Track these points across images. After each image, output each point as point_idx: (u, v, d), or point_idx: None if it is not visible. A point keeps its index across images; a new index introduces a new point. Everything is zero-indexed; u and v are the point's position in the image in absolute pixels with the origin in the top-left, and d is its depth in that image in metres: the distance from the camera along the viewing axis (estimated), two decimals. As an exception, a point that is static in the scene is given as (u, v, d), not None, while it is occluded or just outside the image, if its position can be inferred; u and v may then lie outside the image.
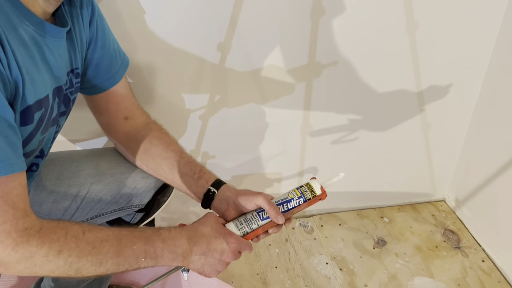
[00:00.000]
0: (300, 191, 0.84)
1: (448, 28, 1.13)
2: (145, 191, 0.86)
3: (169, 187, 0.89)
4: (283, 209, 0.81)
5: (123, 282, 1.21)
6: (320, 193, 0.84)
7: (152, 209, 0.89)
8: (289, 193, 0.84)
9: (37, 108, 0.59)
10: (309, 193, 0.84)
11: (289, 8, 1.00)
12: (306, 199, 0.83)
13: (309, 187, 0.84)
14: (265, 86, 1.14)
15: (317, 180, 0.85)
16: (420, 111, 1.29)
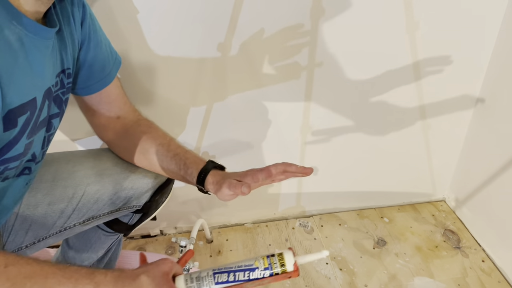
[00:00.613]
0: (269, 261, 0.73)
1: (448, 28, 1.13)
2: (143, 191, 0.85)
3: (168, 187, 0.89)
4: (243, 278, 0.71)
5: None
6: (291, 270, 0.73)
7: (151, 209, 0.89)
8: (256, 260, 0.74)
9: (21, 112, 0.57)
10: (279, 266, 0.73)
11: (289, 8, 1.00)
12: (273, 273, 0.73)
13: (281, 260, 0.74)
14: (265, 86, 1.14)
15: (292, 253, 0.74)
16: (420, 111, 1.29)
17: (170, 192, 0.92)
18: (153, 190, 0.86)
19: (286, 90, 1.16)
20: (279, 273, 0.73)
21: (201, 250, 1.35)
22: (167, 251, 1.35)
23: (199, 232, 1.37)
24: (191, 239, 1.13)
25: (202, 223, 1.26)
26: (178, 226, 1.42)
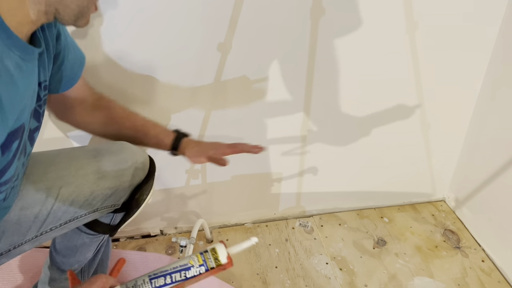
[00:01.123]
0: (203, 258, 0.76)
1: (448, 28, 1.13)
2: (120, 190, 0.83)
3: (147, 184, 0.86)
4: (180, 278, 0.73)
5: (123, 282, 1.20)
6: (226, 262, 0.76)
7: (132, 208, 0.87)
8: (190, 259, 0.77)
9: (15, 136, 0.57)
10: (213, 261, 0.76)
11: (289, 8, 1.00)
12: (208, 268, 0.76)
13: (214, 254, 0.77)
14: (265, 86, 1.14)
15: (224, 246, 0.78)
16: (420, 111, 1.29)
17: (152, 189, 0.89)
18: (131, 188, 0.85)
19: (286, 90, 1.16)
20: (214, 267, 0.75)
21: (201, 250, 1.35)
22: (167, 251, 1.35)
23: (199, 232, 1.38)
24: (191, 239, 1.13)
25: (202, 223, 1.26)
26: (178, 226, 1.42)
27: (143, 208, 0.90)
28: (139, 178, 0.86)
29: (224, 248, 0.77)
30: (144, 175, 0.87)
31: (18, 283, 1.17)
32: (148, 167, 0.88)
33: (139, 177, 0.86)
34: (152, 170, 0.89)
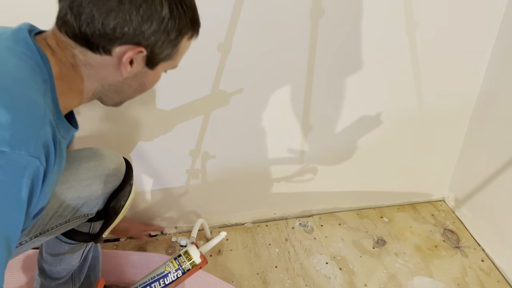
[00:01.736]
0: (178, 262, 0.80)
1: (447, 28, 1.13)
2: (92, 199, 0.81)
3: (122, 192, 0.84)
4: (160, 286, 0.76)
5: (124, 282, 1.21)
6: (200, 262, 0.80)
7: (110, 216, 0.85)
8: (165, 266, 0.80)
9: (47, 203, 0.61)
10: (188, 263, 0.80)
11: (289, 8, 1.01)
12: (185, 271, 0.79)
13: (188, 256, 0.80)
14: (265, 86, 1.14)
15: (195, 247, 0.81)
16: (419, 111, 1.29)
17: (130, 196, 0.87)
18: (105, 196, 0.82)
19: (286, 90, 1.16)
20: (190, 268, 0.79)
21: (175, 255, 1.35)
22: (167, 250, 1.35)
23: (199, 232, 1.38)
24: (192, 238, 1.13)
25: (202, 222, 1.26)
26: (178, 226, 1.42)
27: (125, 213, 0.88)
28: (112, 185, 0.83)
29: (196, 248, 0.81)
30: (119, 182, 0.85)
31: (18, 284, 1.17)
32: (123, 173, 0.86)
33: (112, 184, 0.83)
34: (129, 175, 0.87)
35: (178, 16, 0.60)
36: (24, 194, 0.51)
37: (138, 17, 0.56)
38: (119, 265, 1.24)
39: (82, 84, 0.63)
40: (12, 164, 0.49)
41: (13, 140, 0.49)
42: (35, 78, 0.56)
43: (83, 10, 0.55)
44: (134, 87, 0.68)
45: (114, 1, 0.55)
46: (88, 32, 0.57)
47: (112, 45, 0.58)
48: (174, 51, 0.64)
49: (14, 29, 0.60)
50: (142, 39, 0.59)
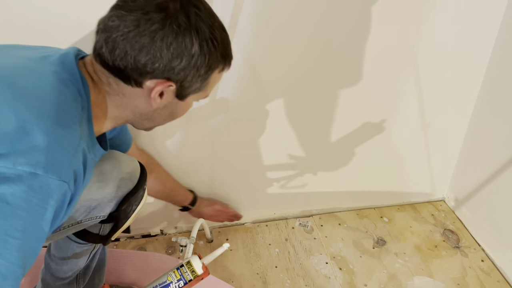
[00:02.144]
0: (180, 272, 0.82)
1: (447, 28, 1.13)
2: (105, 201, 0.81)
3: (135, 196, 0.85)
4: None
5: (124, 282, 1.21)
6: (202, 273, 0.82)
7: (120, 219, 0.86)
8: (168, 276, 0.82)
9: None
10: (190, 273, 0.82)
11: (289, 8, 1.01)
12: (186, 281, 0.81)
13: (190, 267, 0.82)
14: (265, 86, 1.14)
15: (198, 258, 0.84)
16: (419, 111, 1.29)
17: (142, 200, 0.88)
18: (117, 199, 0.83)
19: (286, 90, 1.16)
20: (192, 279, 0.81)
21: (201, 250, 1.35)
22: (167, 250, 1.35)
23: (199, 232, 1.38)
24: (191, 238, 1.13)
25: (202, 222, 1.26)
26: (178, 226, 1.42)
27: (135, 218, 0.89)
28: (126, 188, 0.84)
29: (198, 259, 0.83)
30: (132, 186, 0.85)
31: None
32: (137, 177, 0.86)
33: (126, 188, 0.84)
34: (142, 180, 0.87)
35: (208, 52, 0.61)
36: (49, 216, 0.54)
37: (168, 54, 0.59)
38: (119, 265, 1.24)
39: (115, 110, 0.66)
40: (43, 187, 0.52)
41: (47, 164, 0.52)
42: (75, 105, 0.60)
43: (117, 45, 0.58)
44: (164, 116, 0.71)
45: (146, 38, 0.57)
46: (121, 65, 0.60)
47: (143, 78, 0.61)
48: (204, 84, 0.66)
49: (62, 53, 0.63)
50: (172, 74, 0.61)
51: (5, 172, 0.50)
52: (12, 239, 0.50)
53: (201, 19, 0.60)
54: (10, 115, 0.53)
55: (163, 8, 0.58)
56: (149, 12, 0.57)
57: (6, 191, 0.50)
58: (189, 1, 0.60)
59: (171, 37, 0.58)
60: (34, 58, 0.63)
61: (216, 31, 0.62)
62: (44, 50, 0.67)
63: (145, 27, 0.57)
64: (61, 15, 0.90)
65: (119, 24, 0.58)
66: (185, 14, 0.59)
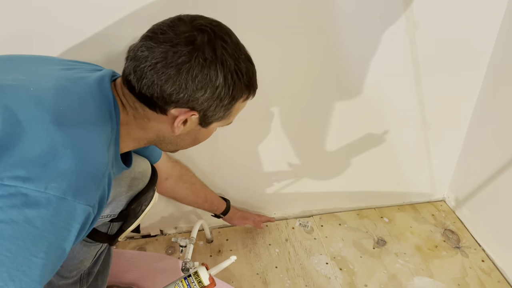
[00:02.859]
0: (187, 282, 0.85)
1: (447, 28, 1.13)
2: (116, 200, 0.83)
3: (145, 196, 0.87)
4: None
5: (124, 282, 1.21)
6: (208, 284, 0.85)
7: (129, 218, 0.87)
8: (175, 284, 0.86)
9: None
10: (197, 284, 0.85)
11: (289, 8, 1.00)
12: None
13: (197, 278, 0.85)
14: (265, 86, 1.14)
15: (205, 269, 0.87)
16: (419, 111, 1.29)
17: (152, 201, 0.90)
18: (128, 198, 0.85)
19: (286, 91, 1.16)
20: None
21: (201, 250, 1.35)
22: (167, 251, 1.35)
23: (199, 232, 1.38)
24: (191, 239, 1.13)
25: (202, 223, 1.26)
26: (178, 226, 1.42)
27: (144, 219, 0.89)
28: (136, 188, 0.86)
29: (205, 270, 0.86)
30: (143, 185, 0.87)
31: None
32: (148, 177, 0.89)
33: (136, 187, 0.86)
34: (153, 181, 0.89)
35: (233, 84, 0.64)
36: (72, 237, 0.56)
37: (193, 85, 0.61)
38: (119, 265, 1.24)
39: (140, 132, 0.69)
40: (70, 211, 0.55)
41: (77, 190, 0.55)
42: (106, 129, 0.63)
43: (145, 75, 0.61)
44: (188, 141, 0.74)
45: (173, 70, 0.60)
46: (147, 93, 0.62)
47: (168, 107, 0.63)
48: (227, 113, 0.68)
49: (99, 76, 0.66)
50: (196, 104, 0.63)
51: (36, 195, 0.52)
52: (36, 258, 0.53)
53: (227, 52, 0.62)
54: (46, 138, 0.55)
55: (190, 41, 0.60)
56: (177, 45, 0.60)
57: (36, 214, 0.52)
58: (217, 34, 0.62)
59: (197, 70, 0.60)
60: (71, 79, 0.64)
61: (242, 63, 0.64)
62: (79, 67, 0.70)
63: (172, 59, 0.59)
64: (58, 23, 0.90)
65: (148, 55, 0.60)
66: (211, 47, 0.61)
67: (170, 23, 0.62)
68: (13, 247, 0.51)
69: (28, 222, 0.51)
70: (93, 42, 0.95)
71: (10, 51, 0.77)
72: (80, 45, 0.94)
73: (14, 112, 0.55)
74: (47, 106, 0.58)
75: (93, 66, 0.74)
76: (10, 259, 0.51)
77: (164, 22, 0.63)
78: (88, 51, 0.95)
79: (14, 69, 0.66)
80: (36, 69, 0.66)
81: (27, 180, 0.51)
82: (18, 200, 0.51)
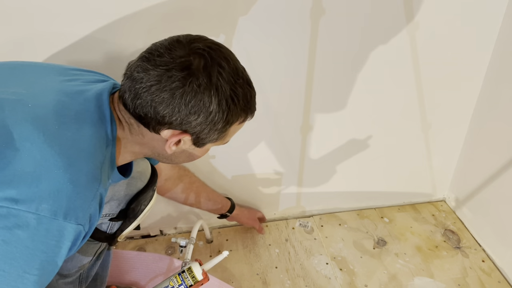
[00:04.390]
0: (181, 278, 0.87)
1: (448, 28, 1.13)
2: (114, 199, 0.84)
3: (144, 195, 0.88)
4: None
5: (124, 282, 1.21)
6: (202, 278, 0.87)
7: (128, 217, 0.88)
8: (169, 281, 0.87)
9: None
10: (190, 279, 0.87)
11: (288, 7, 1.00)
12: (187, 286, 0.86)
13: (191, 273, 0.87)
14: (265, 86, 1.13)
15: (198, 264, 0.89)
16: (420, 111, 1.29)
17: (151, 200, 0.91)
18: (128, 197, 0.85)
19: (286, 90, 1.16)
20: (192, 284, 0.86)
21: (201, 250, 1.35)
22: (167, 251, 1.35)
23: (199, 232, 1.37)
24: (191, 239, 1.13)
25: (202, 223, 1.26)
26: (178, 226, 1.42)
27: (144, 218, 0.90)
28: (135, 187, 0.86)
29: (199, 266, 0.88)
30: (143, 185, 0.87)
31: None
32: (147, 177, 0.89)
33: (135, 187, 0.86)
34: (153, 181, 0.90)
35: (227, 109, 0.64)
36: (64, 253, 0.58)
37: (186, 110, 0.61)
38: (119, 265, 1.24)
39: (136, 147, 0.69)
40: (60, 230, 0.56)
41: (67, 210, 0.55)
42: (100, 146, 0.62)
43: (139, 96, 0.61)
44: (182, 159, 0.74)
45: (167, 94, 0.60)
46: (141, 113, 0.63)
47: (161, 128, 0.64)
48: (222, 135, 0.68)
49: (98, 90, 0.66)
50: (189, 127, 0.64)
51: (27, 216, 0.52)
52: (29, 275, 0.54)
53: (223, 77, 0.62)
54: (40, 159, 0.55)
55: (186, 66, 0.60)
56: (172, 69, 0.60)
57: (27, 235, 0.53)
58: (214, 59, 0.62)
59: (190, 95, 0.60)
60: (71, 93, 0.64)
61: (238, 88, 0.64)
62: (81, 78, 0.69)
63: (166, 84, 0.60)
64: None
65: (143, 77, 0.61)
66: (207, 74, 0.61)
67: (168, 45, 0.62)
68: (6, 266, 0.53)
69: (19, 243, 0.53)
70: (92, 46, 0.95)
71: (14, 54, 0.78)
72: (81, 49, 0.95)
73: (9, 129, 0.55)
74: (42, 124, 0.58)
75: (96, 76, 0.73)
76: (4, 277, 0.52)
77: (162, 44, 0.63)
78: (88, 55, 0.95)
79: (17, 79, 0.66)
80: (38, 81, 0.66)
81: (19, 201, 0.52)
82: (10, 221, 0.52)
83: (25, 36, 0.92)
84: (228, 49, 0.66)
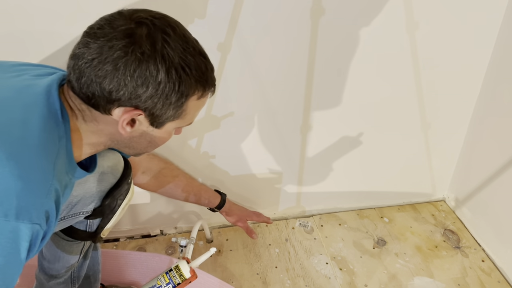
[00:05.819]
0: (169, 276, 0.87)
1: (448, 28, 1.13)
2: (86, 197, 0.81)
3: (118, 190, 0.85)
4: None
5: (124, 282, 1.21)
6: (190, 276, 0.87)
7: (105, 214, 0.86)
8: (157, 280, 0.87)
9: None
10: (178, 277, 0.86)
11: (289, 7, 1.00)
12: (175, 284, 0.86)
13: (178, 271, 0.87)
14: (265, 86, 1.14)
15: (186, 262, 0.89)
16: (419, 111, 1.29)
17: (128, 194, 0.88)
18: (100, 194, 0.83)
19: (287, 90, 1.16)
20: (181, 282, 0.86)
21: (201, 250, 1.35)
22: (167, 251, 1.35)
23: (199, 232, 1.37)
24: (191, 239, 1.13)
25: (202, 223, 1.26)
26: (178, 226, 1.42)
27: (123, 213, 0.88)
28: (108, 183, 0.83)
29: (186, 264, 0.88)
30: (115, 180, 0.84)
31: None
32: (120, 171, 0.86)
33: (108, 182, 0.83)
34: (126, 174, 0.87)
35: (178, 79, 0.59)
36: (23, 255, 0.55)
37: (133, 82, 0.57)
38: (119, 265, 1.24)
39: (93, 137, 0.65)
40: (14, 231, 0.53)
41: (18, 209, 0.52)
42: (52, 140, 0.59)
43: (83, 73, 0.58)
44: (144, 144, 0.69)
45: (109, 66, 0.56)
46: (88, 93, 0.59)
47: (111, 106, 0.60)
48: (180, 111, 0.64)
49: (47, 82, 0.62)
50: (139, 102, 0.60)
51: None
52: None
53: (169, 45, 0.58)
54: None
55: (127, 34, 0.57)
56: (112, 39, 0.57)
57: None
58: (157, 26, 0.58)
59: (134, 65, 0.56)
60: (17, 88, 0.61)
61: (189, 56, 0.59)
62: (29, 73, 0.66)
63: (108, 54, 0.56)
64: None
65: (84, 52, 0.57)
66: (150, 41, 0.57)
67: (108, 17, 0.59)
68: None
69: None
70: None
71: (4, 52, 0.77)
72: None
73: None
74: None
75: (46, 69, 0.69)
76: None
77: (103, 17, 0.60)
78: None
79: None
80: None
81: None
82: None
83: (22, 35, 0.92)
84: (175, 19, 0.62)
